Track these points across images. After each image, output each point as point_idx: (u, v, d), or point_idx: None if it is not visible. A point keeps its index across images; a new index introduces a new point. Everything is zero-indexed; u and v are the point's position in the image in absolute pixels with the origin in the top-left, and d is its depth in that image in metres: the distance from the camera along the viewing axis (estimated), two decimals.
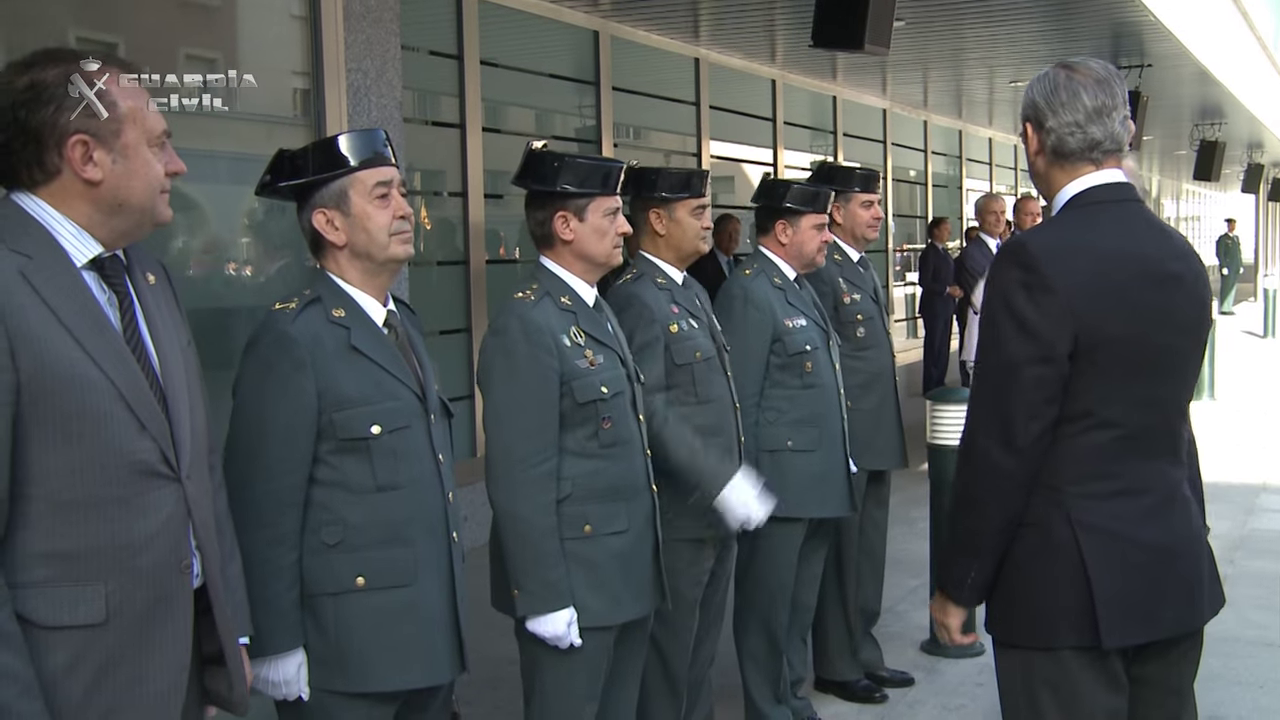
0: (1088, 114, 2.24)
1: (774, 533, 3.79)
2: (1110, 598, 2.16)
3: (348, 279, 2.43)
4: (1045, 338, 2.14)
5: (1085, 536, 2.17)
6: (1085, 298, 2.14)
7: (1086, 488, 2.18)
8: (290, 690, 2.33)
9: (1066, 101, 2.25)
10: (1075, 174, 2.28)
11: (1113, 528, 2.18)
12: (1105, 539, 2.17)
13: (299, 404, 2.30)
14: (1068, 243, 2.22)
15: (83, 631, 1.81)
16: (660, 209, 3.44)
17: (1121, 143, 2.27)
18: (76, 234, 1.88)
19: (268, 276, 5.27)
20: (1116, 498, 2.19)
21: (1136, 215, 2.27)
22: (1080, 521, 2.17)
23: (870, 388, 4.22)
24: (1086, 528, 2.17)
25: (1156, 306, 2.19)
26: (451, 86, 6.91)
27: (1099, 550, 2.16)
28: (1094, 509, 2.18)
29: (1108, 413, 2.17)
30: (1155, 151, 21.51)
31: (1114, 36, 9.54)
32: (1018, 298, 2.16)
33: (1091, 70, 2.27)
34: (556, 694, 2.84)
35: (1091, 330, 2.14)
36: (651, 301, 3.32)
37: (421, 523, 2.40)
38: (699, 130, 9.48)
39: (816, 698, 4.39)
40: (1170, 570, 2.21)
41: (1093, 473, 2.19)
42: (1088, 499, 2.18)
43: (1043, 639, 2.21)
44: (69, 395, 1.79)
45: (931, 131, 14.35)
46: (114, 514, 1.83)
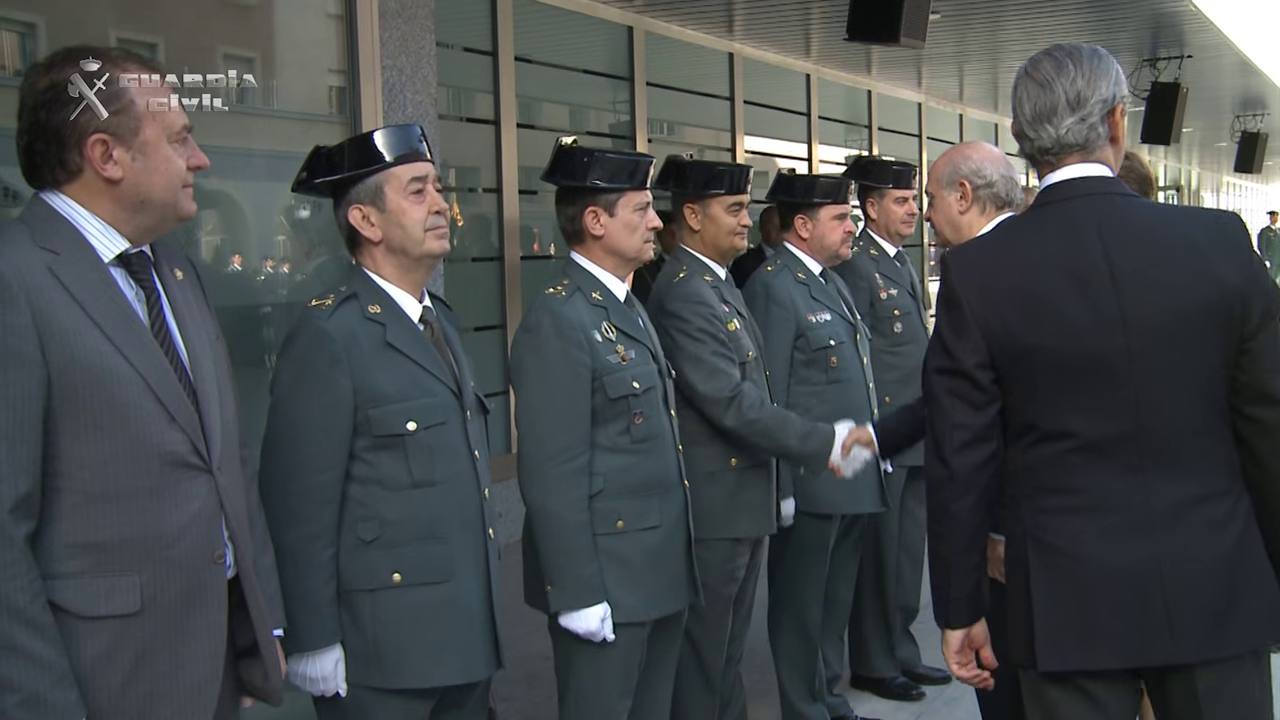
0: (1027, 120, 2.17)
1: (806, 530, 3.78)
2: (1049, 617, 2.06)
3: (384, 275, 2.44)
4: (954, 351, 2.10)
5: (1034, 552, 2.08)
6: (993, 310, 2.07)
7: (1041, 501, 2.09)
8: (328, 686, 2.34)
9: (1015, 106, 2.20)
10: (1041, 173, 2.20)
11: (1064, 544, 2.06)
12: (1053, 555, 2.07)
13: (335, 400, 2.32)
14: (985, 253, 2.17)
15: (118, 621, 1.84)
16: (695, 204, 3.43)
17: (1075, 144, 2.13)
18: (103, 230, 1.90)
19: (304, 273, 5.30)
20: (1075, 514, 2.07)
21: (1085, 212, 2.10)
22: (1033, 537, 2.09)
23: (908, 383, 4.18)
24: (1036, 543, 2.08)
25: (1085, 312, 2.03)
26: (486, 83, 6.92)
27: (1044, 567, 2.07)
28: (1049, 524, 2.08)
29: (1054, 424, 2.07)
30: (1195, 143, 21.24)
31: (1154, 27, 9.43)
32: (938, 309, 2.15)
33: (1041, 70, 2.15)
34: (591, 690, 2.84)
35: (1005, 342, 2.07)
36: (713, 300, 3.32)
37: (457, 519, 2.40)
38: (733, 125, 9.45)
39: (853, 695, 4.37)
40: (1140, 595, 2.02)
41: (1047, 486, 2.09)
42: (1044, 514, 2.09)
43: (1021, 658, 2.13)
44: (99, 388, 1.81)
45: (968, 125, 14.24)
46: (146, 505, 1.85)
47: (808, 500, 3.77)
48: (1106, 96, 2.14)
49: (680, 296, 3.29)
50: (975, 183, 2.98)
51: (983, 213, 2.99)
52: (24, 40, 4.25)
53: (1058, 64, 2.15)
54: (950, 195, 3.01)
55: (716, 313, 3.30)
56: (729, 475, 3.33)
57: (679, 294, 3.30)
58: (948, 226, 3.03)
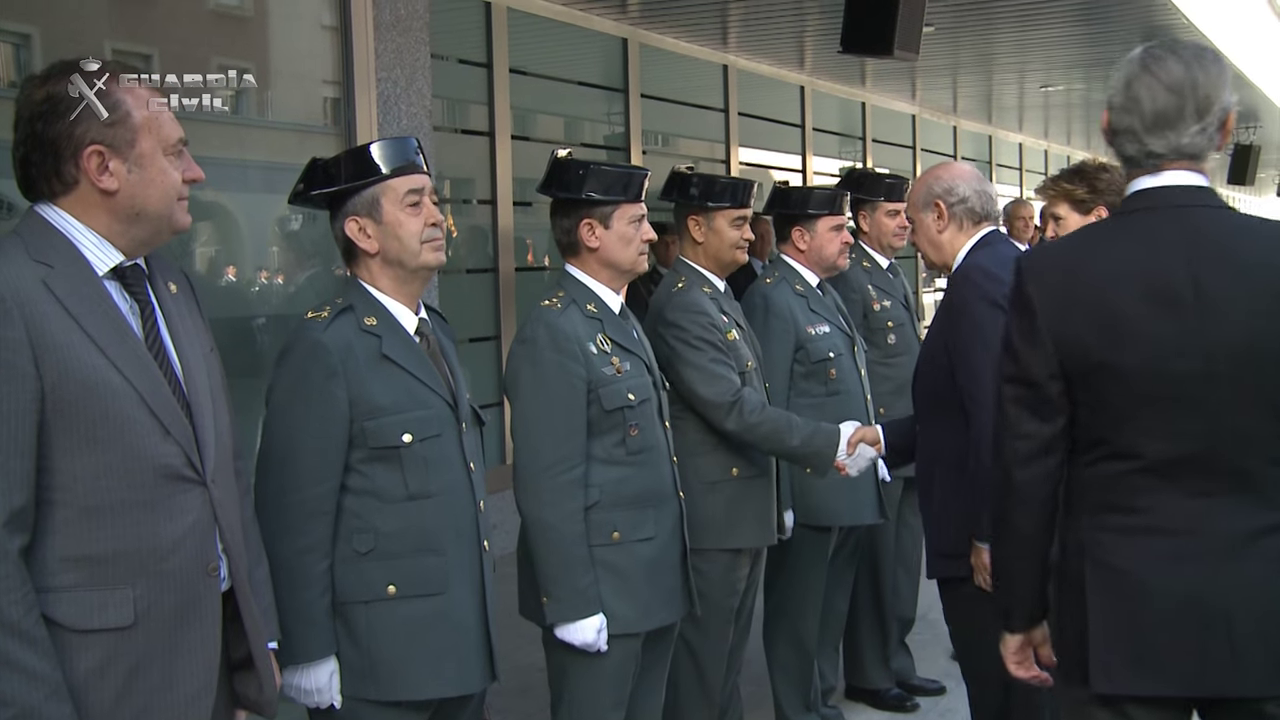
0: (1144, 123, 2.02)
1: (803, 541, 3.78)
2: (1105, 638, 1.99)
3: (380, 287, 2.45)
4: (1024, 360, 2.04)
5: (1092, 571, 2.01)
6: (1067, 321, 2.00)
7: (1102, 519, 2.03)
8: (322, 698, 2.34)
9: (1127, 103, 2.04)
10: (1131, 175, 2.08)
11: (1125, 566, 1.99)
12: (1112, 575, 2.00)
13: (331, 413, 2.31)
14: (1063, 261, 2.08)
15: (112, 634, 1.83)
16: (699, 216, 3.44)
17: (1191, 153, 2.03)
18: (98, 243, 1.90)
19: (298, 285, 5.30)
20: (1138, 535, 1.99)
21: (1172, 225, 2.01)
22: (1091, 555, 2.02)
23: (902, 394, 4.18)
24: (1095, 562, 2.02)
25: (1164, 331, 1.95)
26: (481, 95, 6.93)
27: (1102, 586, 2.00)
28: (1109, 544, 2.01)
29: (1121, 442, 2.00)
30: None
31: (1145, 39, 9.43)
32: (1010, 314, 2.10)
33: (1168, 71, 2.01)
34: (584, 701, 2.84)
35: (1077, 355, 2.00)
36: (712, 310, 3.33)
37: (453, 531, 2.40)
38: (728, 137, 9.47)
39: (848, 706, 4.36)
40: (1202, 623, 1.95)
41: (1109, 504, 2.02)
42: (1104, 532, 2.02)
43: (1058, 671, 2.11)
44: (93, 401, 1.81)
45: (961, 137, 14.28)
46: (140, 518, 1.85)
47: (806, 512, 3.77)
48: (1226, 104, 2.04)
49: (679, 306, 3.30)
50: (949, 200, 3.01)
51: (960, 229, 3.02)
52: (19, 51, 4.26)
53: (1186, 66, 2.02)
54: (927, 216, 3.05)
55: (715, 322, 3.30)
56: (730, 485, 3.33)
57: (678, 304, 3.31)
58: (930, 247, 3.08)
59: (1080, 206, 3.36)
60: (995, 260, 2.91)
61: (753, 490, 3.37)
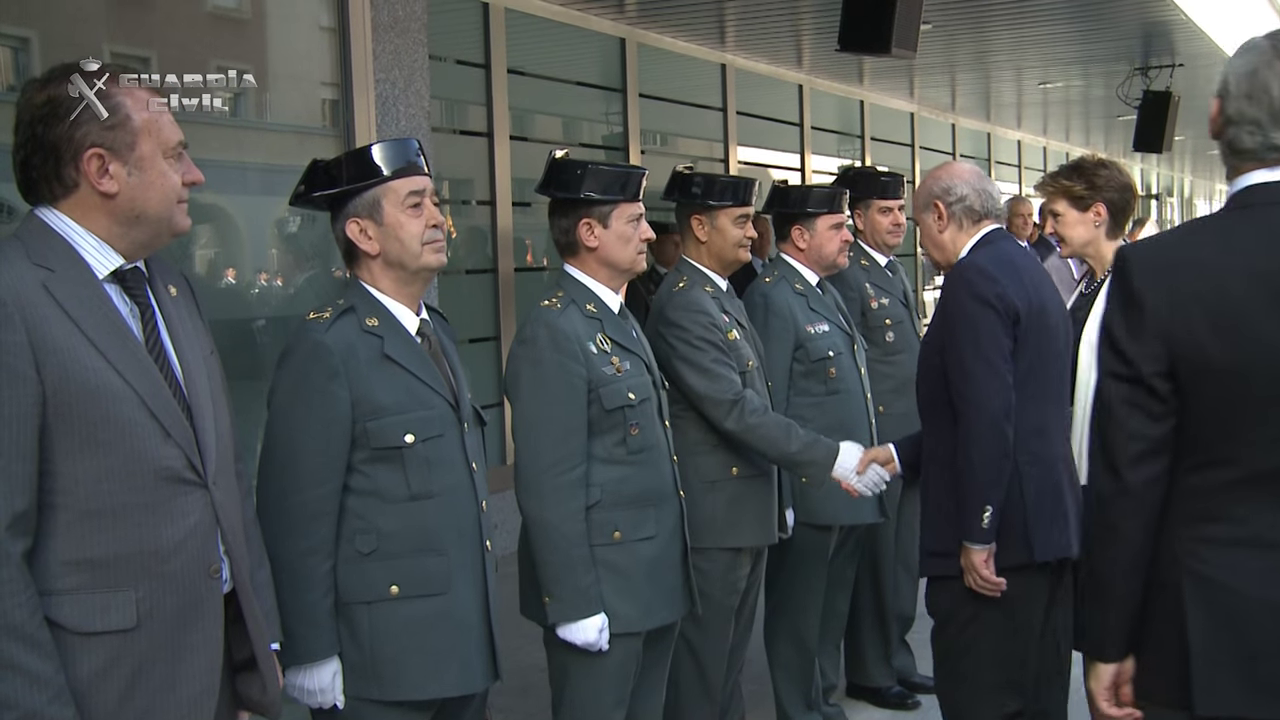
0: (1273, 113, 1.88)
1: (804, 540, 3.78)
2: (1209, 657, 1.87)
3: (381, 288, 2.45)
4: (1131, 356, 1.90)
5: (1191, 585, 1.89)
6: (1179, 318, 1.87)
7: (1199, 531, 1.90)
8: (325, 699, 2.34)
9: (1250, 90, 1.90)
10: (1242, 169, 1.94)
11: (1226, 580, 1.87)
12: (1213, 590, 1.87)
13: (333, 413, 2.32)
14: (1175, 254, 1.92)
15: (115, 637, 1.83)
16: (703, 215, 3.44)
17: None
18: (98, 246, 1.91)
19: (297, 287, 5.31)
20: (1238, 548, 1.87)
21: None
22: (1188, 568, 1.90)
23: (901, 392, 4.19)
24: (1194, 576, 1.89)
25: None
26: (479, 95, 6.94)
27: (1204, 602, 1.88)
28: (1207, 556, 1.89)
29: (1229, 450, 1.87)
30: (1187, 152, 21.33)
31: (1144, 37, 9.48)
32: (1113, 311, 1.96)
33: None
34: (586, 700, 2.85)
35: (1189, 356, 1.87)
36: (713, 310, 3.33)
37: (455, 531, 2.41)
38: (726, 136, 9.47)
39: (849, 704, 4.37)
40: None
41: (1207, 515, 1.90)
42: (1201, 543, 1.90)
43: (1145, 690, 1.99)
44: (94, 405, 1.82)
45: (960, 134, 14.29)
46: (142, 520, 1.85)
47: (807, 511, 3.78)
48: None
49: (680, 305, 3.31)
50: (947, 200, 3.01)
51: (961, 228, 3.02)
52: (17, 55, 4.26)
53: None
54: (928, 217, 3.06)
55: (716, 321, 3.31)
56: (731, 484, 3.33)
57: (679, 303, 3.31)
58: (934, 248, 3.08)
59: (1079, 203, 3.36)
60: (992, 259, 2.91)
61: (753, 489, 3.38)
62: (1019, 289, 2.85)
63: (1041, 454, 2.86)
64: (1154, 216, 23.31)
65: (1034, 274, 2.97)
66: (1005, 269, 2.89)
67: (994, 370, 2.80)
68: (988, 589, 2.80)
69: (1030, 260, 3.08)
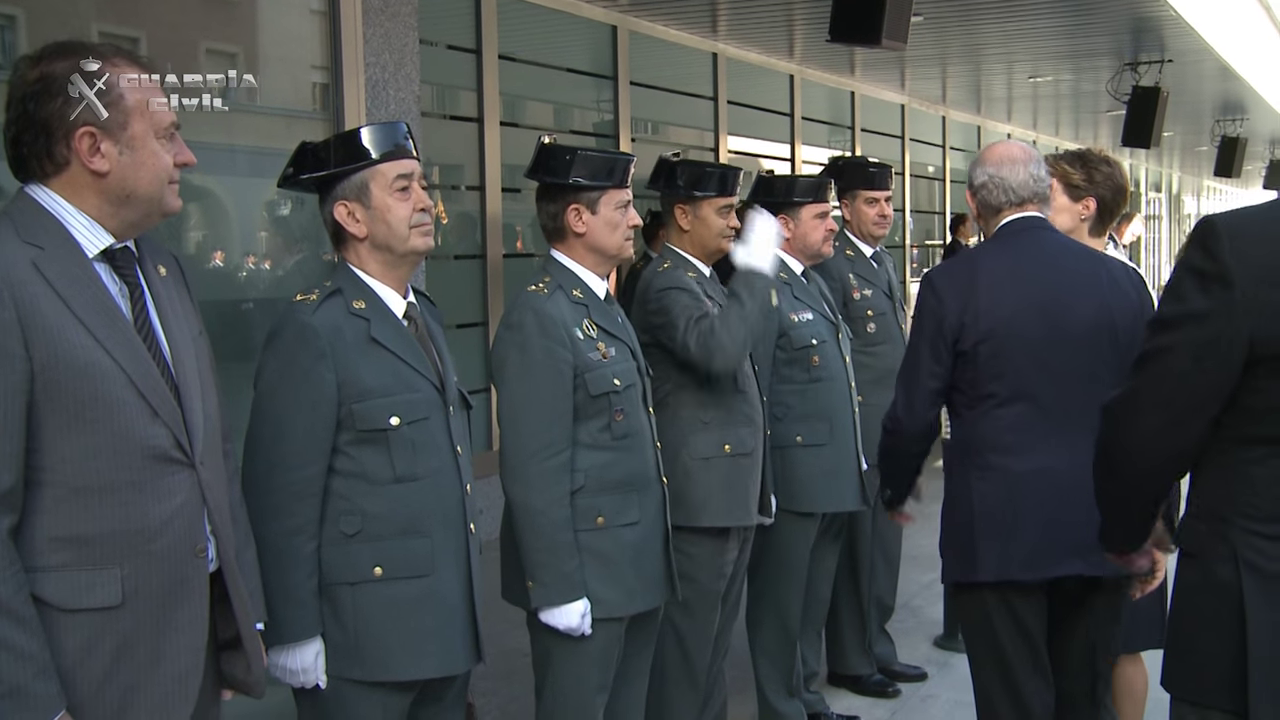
0: None
1: (786, 527, 3.80)
2: (1271, 662, 1.78)
3: (368, 271, 2.46)
4: (1206, 335, 1.80)
5: (1251, 581, 1.79)
6: (1272, 298, 1.75)
7: (1264, 526, 1.81)
8: (308, 678, 2.35)
9: None
10: None
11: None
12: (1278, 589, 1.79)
13: (319, 395, 2.33)
14: (1268, 229, 1.81)
15: (100, 614, 1.84)
16: (686, 205, 3.45)
17: None
18: (88, 225, 1.91)
19: (285, 269, 5.31)
20: None
21: None
22: (1249, 562, 1.80)
23: (882, 383, 4.20)
24: (1256, 571, 1.80)
25: None
26: (469, 81, 6.93)
27: (1266, 601, 1.78)
28: (1273, 552, 1.80)
29: None
30: (1176, 147, 21.38)
31: (1134, 31, 9.50)
32: (1188, 284, 1.83)
33: None
34: (569, 685, 2.86)
35: (1273, 339, 1.76)
36: (695, 288, 3.34)
37: (439, 514, 2.42)
38: (716, 125, 9.48)
39: (830, 692, 4.40)
40: None
41: (1275, 509, 1.81)
42: (1265, 539, 1.80)
43: (1190, 692, 1.90)
44: (82, 383, 1.82)
45: (950, 127, 14.31)
46: (129, 499, 1.86)
47: (789, 498, 3.80)
48: None
49: (661, 285, 3.31)
50: (973, 188, 2.95)
51: (995, 214, 2.90)
52: (3, 33, 4.25)
53: None
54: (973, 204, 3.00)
55: (696, 296, 3.31)
56: (723, 462, 3.35)
57: (660, 282, 3.32)
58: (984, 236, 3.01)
59: (1073, 192, 3.29)
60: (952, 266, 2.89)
61: (743, 468, 3.40)
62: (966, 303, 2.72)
63: (999, 468, 2.72)
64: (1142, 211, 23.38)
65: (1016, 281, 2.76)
66: (959, 280, 2.77)
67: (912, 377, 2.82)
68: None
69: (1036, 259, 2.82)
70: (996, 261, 2.82)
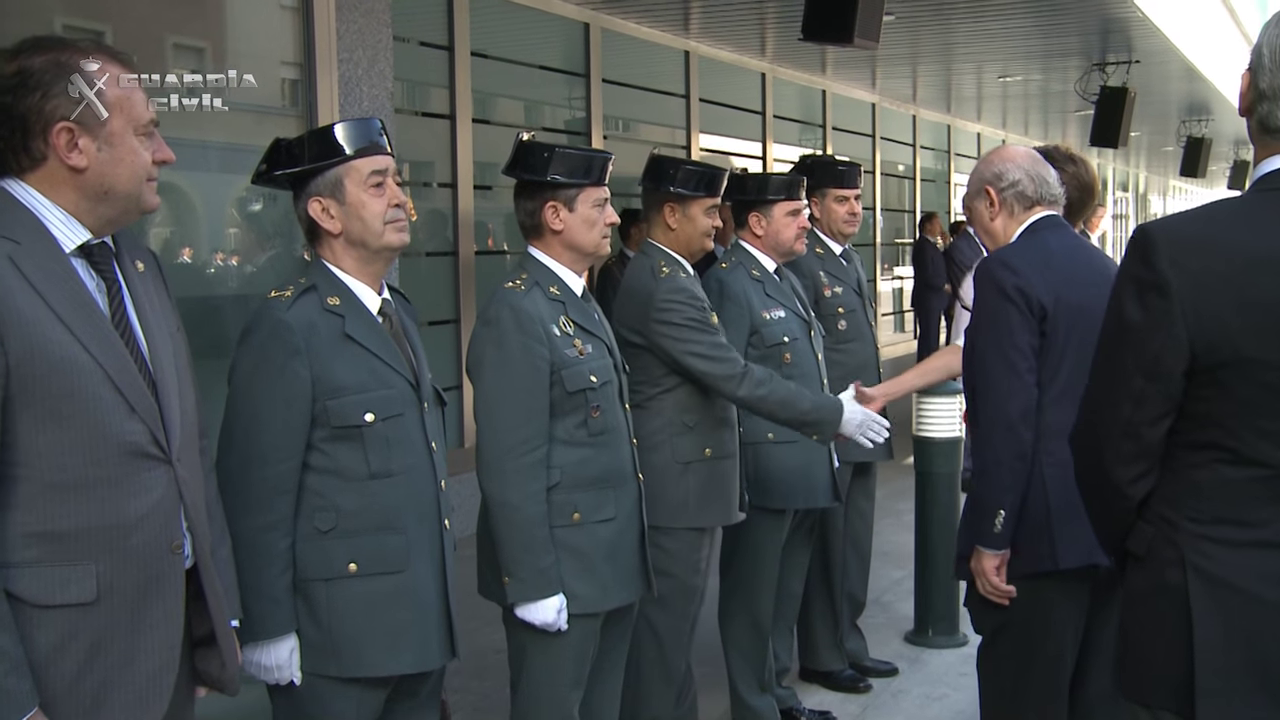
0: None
1: (758, 524, 3.82)
2: (1216, 663, 1.77)
3: (343, 267, 2.45)
4: (1151, 348, 1.79)
5: (1198, 585, 1.80)
6: (1208, 305, 1.75)
7: (1210, 529, 1.81)
8: (282, 675, 2.35)
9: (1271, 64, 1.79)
10: (1272, 150, 1.83)
11: (1239, 582, 1.78)
12: (1224, 593, 1.78)
13: (293, 391, 2.32)
14: (1202, 238, 1.79)
15: (74, 610, 1.83)
16: (675, 204, 3.47)
17: None
18: (65, 220, 1.90)
19: (257, 266, 5.28)
20: (1252, 549, 1.79)
21: None
22: (1195, 566, 1.80)
23: (852, 379, 4.23)
24: (1203, 575, 1.80)
25: None
26: (442, 78, 6.91)
27: (1212, 604, 1.79)
28: (1218, 556, 1.80)
29: (1248, 448, 1.78)
30: (1143, 148, 21.60)
31: (1102, 32, 9.59)
32: (1127, 295, 1.83)
33: None
34: (544, 681, 2.87)
35: (1216, 346, 1.75)
36: (700, 292, 3.41)
37: (414, 510, 2.42)
38: (689, 123, 9.49)
39: (801, 687, 4.42)
40: None
41: (1219, 513, 1.81)
42: (1210, 542, 1.81)
43: (1144, 696, 1.90)
44: (58, 378, 1.81)
45: (920, 126, 14.39)
46: (104, 495, 1.85)
47: (762, 494, 3.82)
48: None
49: (673, 290, 3.34)
50: (999, 186, 2.88)
51: (1012, 215, 2.88)
52: None
53: None
54: (979, 205, 2.94)
55: (705, 303, 3.39)
56: (704, 466, 3.38)
57: (670, 288, 3.34)
58: (986, 236, 2.95)
59: None
60: (1023, 249, 2.77)
61: (722, 471, 3.44)
62: (1046, 282, 2.66)
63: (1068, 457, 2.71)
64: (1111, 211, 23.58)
65: (1075, 268, 2.74)
66: (1033, 261, 2.71)
67: (1013, 369, 2.63)
68: (995, 597, 2.69)
69: (1077, 253, 2.83)
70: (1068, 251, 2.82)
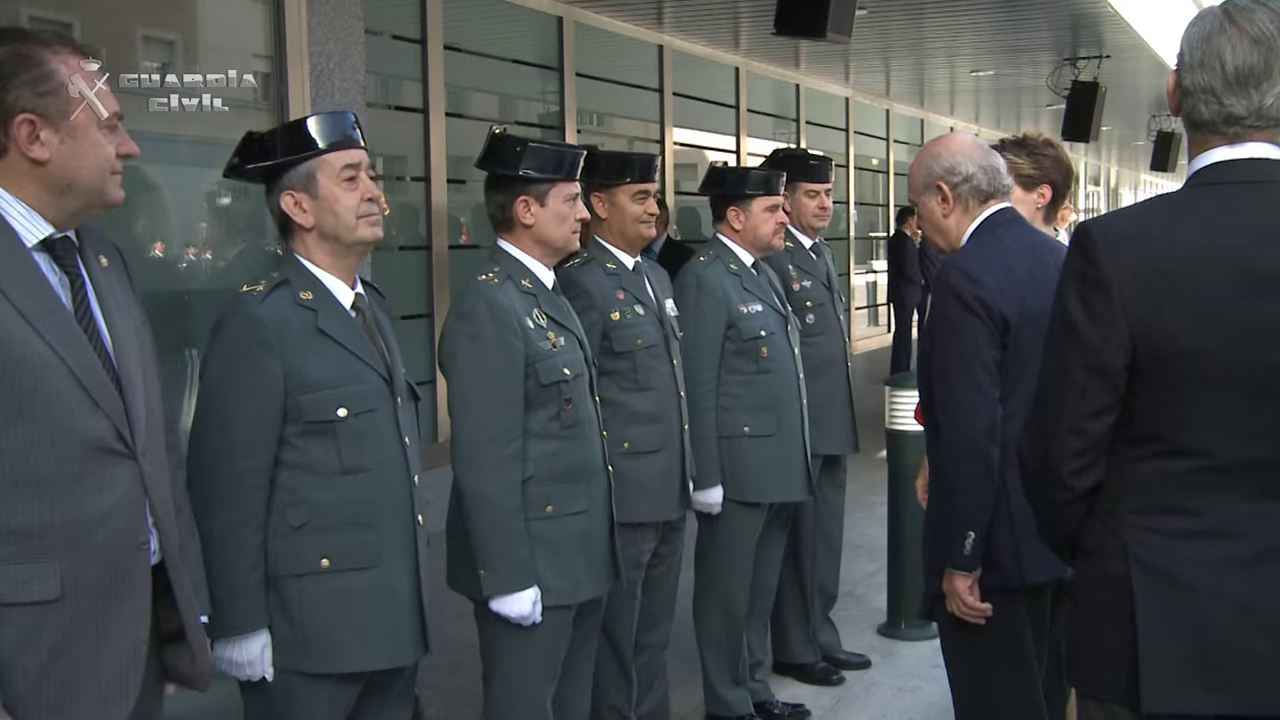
0: (1225, 80, 1.82)
1: (733, 517, 3.83)
2: (1158, 652, 1.80)
3: (316, 261, 2.44)
4: (1093, 344, 1.81)
5: (1140, 576, 1.82)
6: (1148, 303, 1.78)
7: (1150, 520, 1.84)
8: (254, 671, 2.34)
9: (1202, 59, 1.84)
10: (1205, 145, 1.87)
11: (1179, 572, 1.81)
12: (1165, 583, 1.81)
13: (266, 386, 2.31)
14: (1140, 234, 1.82)
15: (37, 608, 1.82)
16: (601, 192, 3.45)
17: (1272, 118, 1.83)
18: (26, 214, 1.88)
19: (228, 260, 5.24)
20: (1192, 539, 1.81)
21: (1262, 202, 1.82)
22: (1137, 557, 1.83)
23: (821, 373, 4.25)
24: (1144, 566, 1.82)
25: (1257, 318, 1.76)
26: (415, 71, 6.88)
27: (1154, 594, 1.81)
28: (1159, 547, 1.82)
29: (1188, 440, 1.80)
30: (1114, 142, 21.74)
31: (1072, 27, 9.64)
32: (1069, 292, 1.85)
33: (1256, 23, 1.82)
34: (516, 674, 2.87)
35: (1156, 340, 1.78)
36: (593, 288, 3.34)
37: (386, 506, 2.41)
38: (662, 117, 9.49)
39: (774, 680, 4.44)
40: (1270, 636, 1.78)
41: (1159, 504, 1.84)
42: (1151, 533, 1.83)
43: (1093, 687, 1.92)
44: (20, 374, 1.79)
45: (894, 120, 14.43)
46: (68, 491, 1.83)
47: (736, 488, 3.83)
48: None
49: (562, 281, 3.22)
50: (952, 181, 2.75)
51: (966, 211, 2.76)
52: None
53: (1275, 19, 1.82)
54: (930, 200, 2.79)
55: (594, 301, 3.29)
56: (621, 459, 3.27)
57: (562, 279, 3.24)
58: (936, 233, 2.82)
59: (1026, 182, 3.10)
60: (981, 253, 2.67)
61: (650, 466, 3.38)
62: (1007, 291, 2.59)
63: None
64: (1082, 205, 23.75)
65: (1036, 269, 2.64)
66: (993, 266, 2.62)
67: (977, 386, 2.56)
68: (970, 615, 2.63)
69: (1037, 251, 2.73)
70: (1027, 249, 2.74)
